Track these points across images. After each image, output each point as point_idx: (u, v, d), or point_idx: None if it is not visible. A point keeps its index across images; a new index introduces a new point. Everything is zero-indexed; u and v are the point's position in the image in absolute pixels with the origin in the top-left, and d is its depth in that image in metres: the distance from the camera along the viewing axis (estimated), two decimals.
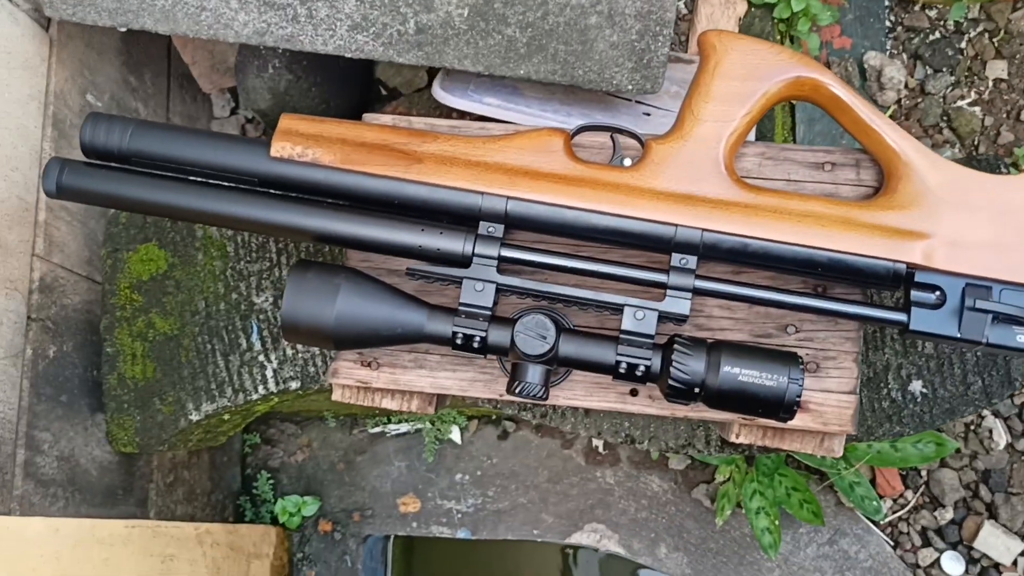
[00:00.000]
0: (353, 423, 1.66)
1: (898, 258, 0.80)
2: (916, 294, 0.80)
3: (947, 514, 1.46)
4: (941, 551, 1.45)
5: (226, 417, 1.18)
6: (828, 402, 0.86)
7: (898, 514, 1.47)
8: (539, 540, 1.56)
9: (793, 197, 0.82)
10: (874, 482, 1.47)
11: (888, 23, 1.48)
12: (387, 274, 0.91)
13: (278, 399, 1.16)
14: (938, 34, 1.50)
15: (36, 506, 1.10)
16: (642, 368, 0.80)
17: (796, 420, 0.86)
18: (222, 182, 0.88)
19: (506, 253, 0.83)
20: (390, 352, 0.91)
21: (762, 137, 1.38)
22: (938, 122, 1.47)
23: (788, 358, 0.79)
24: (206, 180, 0.88)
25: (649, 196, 0.82)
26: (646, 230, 0.82)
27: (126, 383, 1.17)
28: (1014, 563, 1.44)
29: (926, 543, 1.47)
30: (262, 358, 1.12)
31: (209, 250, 1.14)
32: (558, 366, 0.83)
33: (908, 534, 1.46)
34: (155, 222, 1.16)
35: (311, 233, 0.86)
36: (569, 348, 0.81)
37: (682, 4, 1.46)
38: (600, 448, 1.54)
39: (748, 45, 0.84)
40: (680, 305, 0.81)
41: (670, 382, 0.79)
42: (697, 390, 0.79)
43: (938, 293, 0.80)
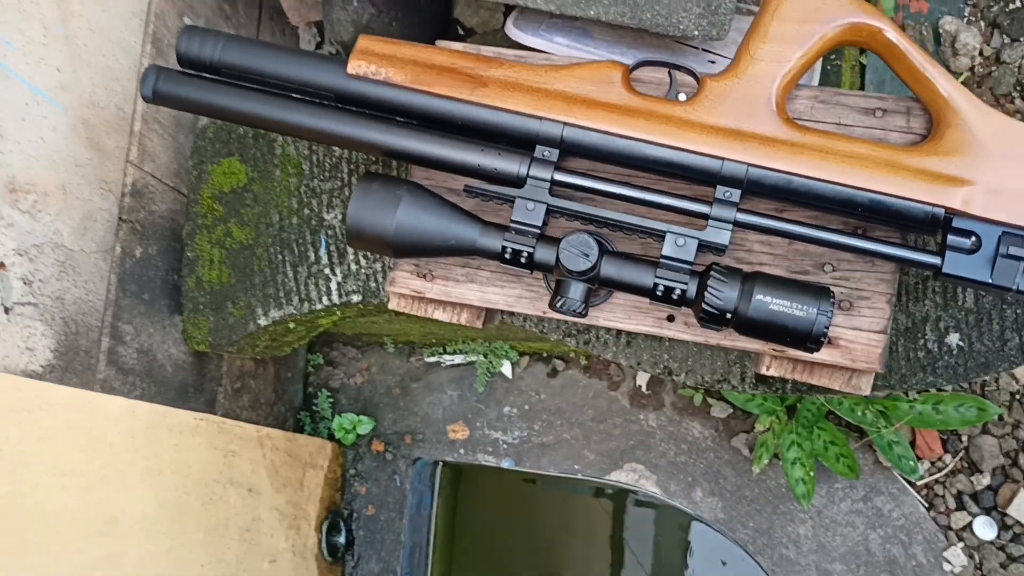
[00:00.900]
0: (411, 351, 1.73)
1: (937, 202, 0.82)
2: (952, 239, 0.83)
3: (984, 480, 1.47)
4: (974, 515, 1.47)
5: (291, 326, 1.26)
6: (858, 340, 0.89)
7: (935, 476, 1.49)
8: (579, 475, 1.62)
9: (840, 138, 0.85)
10: (914, 444, 1.49)
11: None
12: (447, 192, 0.97)
13: (340, 312, 1.23)
14: (1019, 3, 1.48)
15: (116, 391, 1.19)
16: (678, 292, 0.85)
17: (825, 355, 0.90)
18: (302, 96, 0.94)
19: (559, 177, 0.88)
20: (444, 265, 0.97)
21: None
22: (1011, 91, 1.46)
23: (819, 291, 0.82)
24: (287, 94, 0.95)
25: (699, 130, 0.86)
26: (693, 162, 0.86)
27: (203, 286, 1.26)
28: None
29: (960, 507, 1.48)
30: (328, 271, 1.19)
31: (286, 167, 1.21)
32: (599, 286, 0.88)
33: (943, 497, 1.48)
34: (239, 138, 1.24)
35: (379, 148, 0.92)
36: (610, 268, 0.86)
37: None
38: (643, 388, 1.58)
39: None
40: (720, 236, 0.85)
41: (704, 306, 0.83)
42: (729, 316, 0.83)
43: (974, 239, 0.82)
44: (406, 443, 1.71)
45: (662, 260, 0.85)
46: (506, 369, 1.67)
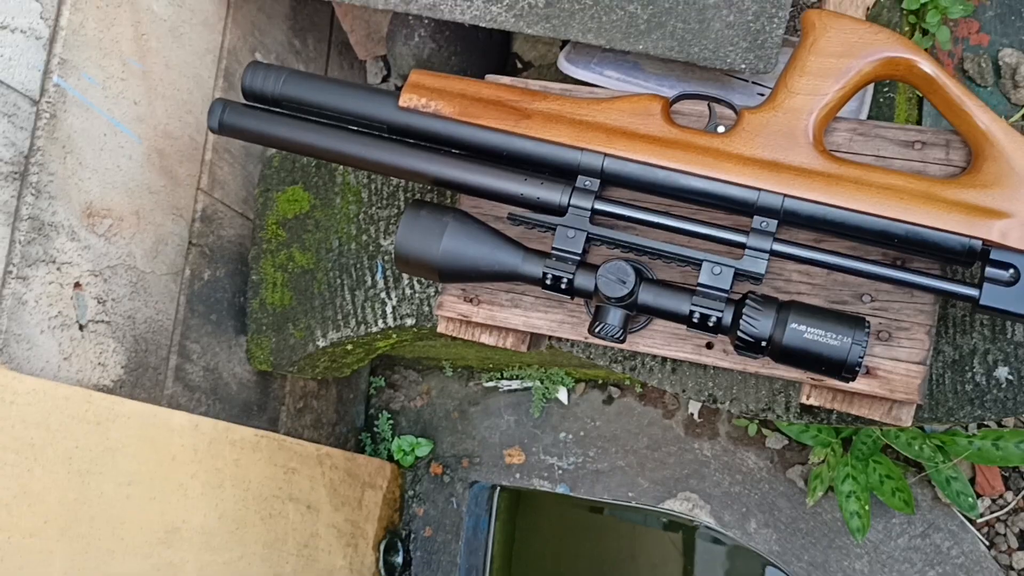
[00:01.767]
0: (469, 376, 1.77)
1: (974, 234, 0.82)
2: (990, 271, 0.83)
3: None
4: None
5: (349, 347, 1.31)
6: (897, 370, 0.89)
7: (996, 514, 1.45)
8: (633, 503, 1.63)
9: (876, 170, 0.86)
10: (974, 480, 1.45)
11: None
12: (494, 220, 1.01)
13: (396, 335, 1.27)
14: None
15: (182, 407, 1.26)
16: (714, 319, 0.86)
17: (863, 385, 0.90)
18: (358, 128, 0.99)
19: (599, 206, 0.91)
20: (490, 290, 1.00)
21: None
22: None
23: (855, 321, 0.83)
24: (344, 125, 1.00)
25: (736, 161, 0.88)
26: (731, 193, 0.88)
27: (266, 308, 1.32)
28: None
29: (1023, 546, 1.44)
30: (384, 295, 1.24)
31: (346, 195, 1.26)
32: (637, 312, 0.90)
33: (1004, 535, 1.44)
34: (302, 167, 1.30)
35: (429, 177, 0.96)
36: (647, 295, 0.88)
37: None
38: (695, 416, 1.58)
39: (847, 24, 0.88)
40: (757, 265, 0.87)
41: (739, 333, 0.84)
42: (764, 343, 0.84)
43: (1012, 271, 0.82)
44: (463, 466, 1.74)
45: (698, 288, 0.87)
46: (562, 395, 1.69)
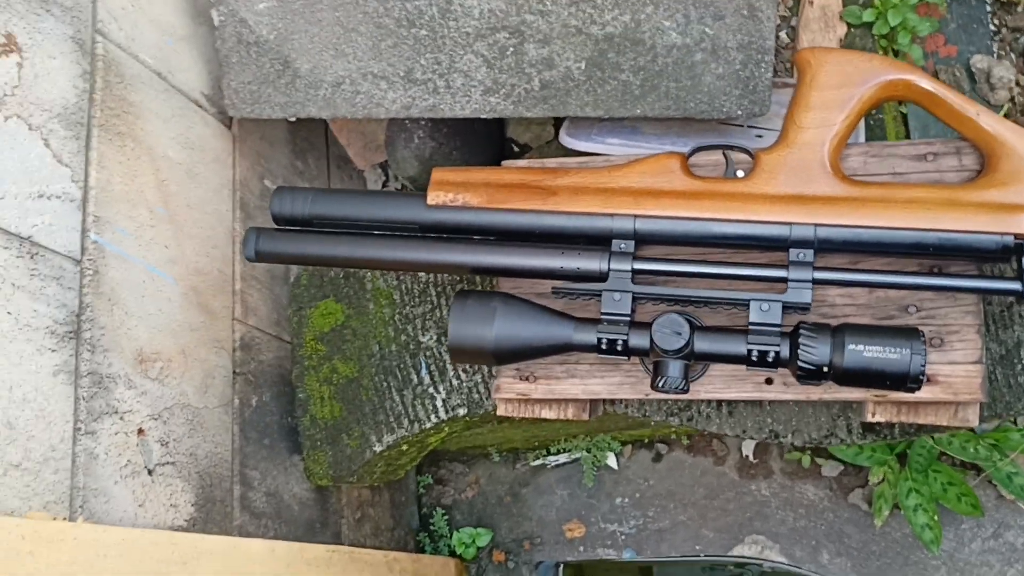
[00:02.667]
0: (515, 458, 1.77)
1: (1005, 230, 0.86)
2: None
3: None
4: None
5: (404, 448, 1.32)
6: (956, 373, 0.92)
7: None
8: (702, 556, 1.62)
9: (898, 187, 0.90)
10: None
11: (992, 27, 1.52)
12: (536, 296, 1.03)
13: (448, 428, 1.29)
14: None
15: (251, 534, 1.26)
16: (772, 354, 0.89)
17: (926, 392, 0.92)
18: (390, 232, 1.03)
19: (638, 266, 0.94)
20: (544, 365, 1.03)
21: None
22: None
23: (909, 332, 0.86)
24: (372, 232, 1.03)
25: (763, 201, 0.92)
26: (763, 232, 0.91)
27: (317, 423, 1.33)
28: None
29: None
30: (432, 390, 1.26)
31: (378, 299, 1.29)
32: (695, 360, 0.92)
33: None
34: (331, 280, 1.33)
35: (467, 267, 0.99)
36: (703, 342, 0.91)
37: (784, 35, 1.55)
38: (750, 457, 1.59)
39: (840, 56, 0.93)
40: (802, 295, 0.90)
41: (800, 363, 0.87)
42: (826, 369, 0.86)
43: None
44: (525, 549, 1.73)
45: (751, 327, 0.90)
46: (611, 461, 1.69)
